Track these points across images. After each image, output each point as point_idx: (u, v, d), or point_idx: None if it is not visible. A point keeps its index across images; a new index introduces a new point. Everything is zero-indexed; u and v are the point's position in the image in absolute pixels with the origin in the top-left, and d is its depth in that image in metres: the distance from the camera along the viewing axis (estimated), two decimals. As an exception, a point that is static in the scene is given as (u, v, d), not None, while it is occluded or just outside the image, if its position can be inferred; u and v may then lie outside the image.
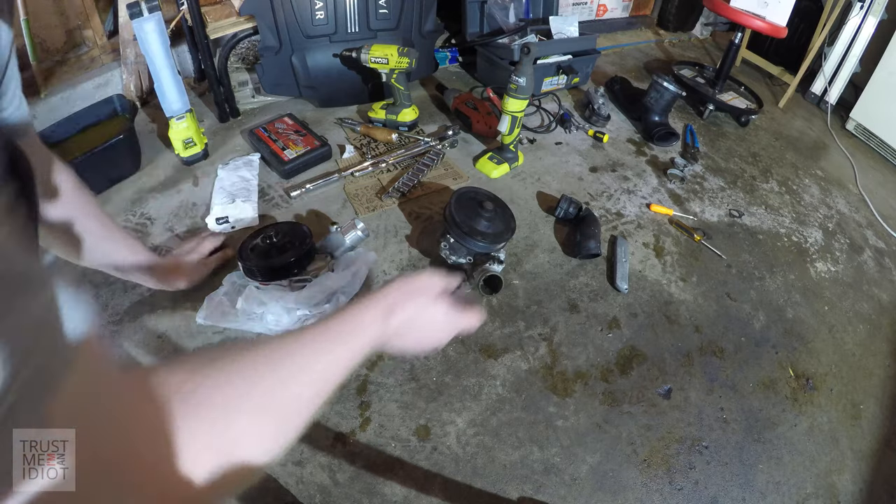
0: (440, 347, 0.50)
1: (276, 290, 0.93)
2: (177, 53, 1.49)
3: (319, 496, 0.76)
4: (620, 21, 2.35)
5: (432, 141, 1.42)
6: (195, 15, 1.26)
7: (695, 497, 0.84)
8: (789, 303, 1.20)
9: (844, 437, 0.97)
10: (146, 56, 1.13)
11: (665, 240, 1.28)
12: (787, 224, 1.43)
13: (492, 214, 1.03)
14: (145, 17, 1.08)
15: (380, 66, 1.36)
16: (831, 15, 1.86)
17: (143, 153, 1.27)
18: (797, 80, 1.97)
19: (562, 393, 0.93)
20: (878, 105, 1.85)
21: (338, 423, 0.84)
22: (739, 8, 1.69)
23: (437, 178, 1.33)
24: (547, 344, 1.00)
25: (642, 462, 0.86)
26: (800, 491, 0.87)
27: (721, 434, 0.92)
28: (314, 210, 1.20)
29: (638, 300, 1.11)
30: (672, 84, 1.55)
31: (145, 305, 0.95)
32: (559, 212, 1.23)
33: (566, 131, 1.60)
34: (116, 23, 1.39)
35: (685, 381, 0.99)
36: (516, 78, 1.22)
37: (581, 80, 1.81)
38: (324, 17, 1.39)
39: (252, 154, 1.30)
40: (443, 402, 0.89)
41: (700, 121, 1.79)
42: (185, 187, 1.22)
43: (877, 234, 1.48)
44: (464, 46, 1.86)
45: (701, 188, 1.48)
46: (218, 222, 1.09)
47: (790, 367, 1.06)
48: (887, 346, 1.17)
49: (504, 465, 0.83)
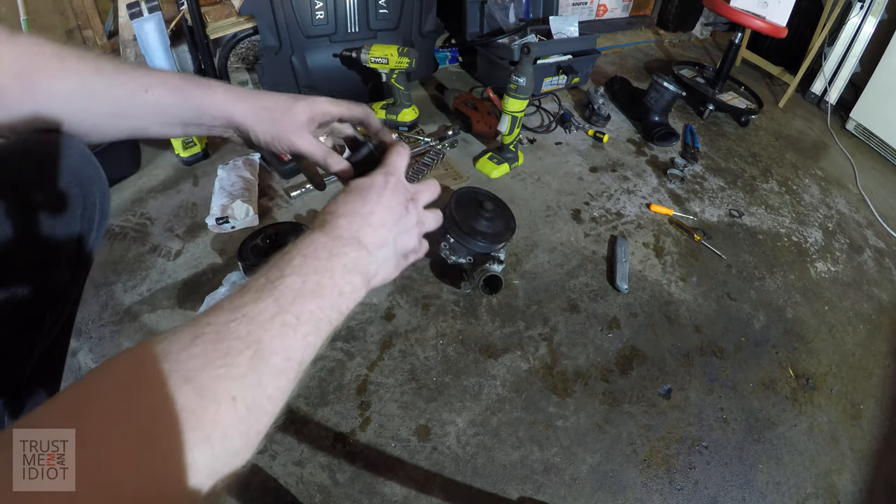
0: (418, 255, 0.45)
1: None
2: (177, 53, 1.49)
3: (319, 496, 0.76)
4: (620, 21, 2.35)
5: (432, 141, 1.42)
6: (195, 15, 1.26)
7: (695, 497, 0.84)
8: (789, 303, 1.20)
9: (844, 437, 0.97)
10: (146, 56, 1.13)
11: (665, 240, 1.28)
12: (787, 224, 1.43)
13: (492, 214, 1.03)
14: (145, 17, 1.09)
15: (380, 66, 1.36)
16: (831, 15, 1.86)
17: (143, 153, 1.27)
18: (797, 80, 1.97)
19: (562, 393, 0.93)
20: (878, 105, 1.85)
21: (338, 423, 0.84)
22: (739, 8, 1.69)
23: (437, 178, 1.33)
24: (547, 344, 1.00)
25: (642, 462, 0.86)
26: (800, 491, 0.87)
27: (721, 434, 0.92)
28: (314, 210, 1.20)
29: (638, 300, 1.11)
30: (672, 84, 1.55)
31: (145, 305, 0.96)
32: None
33: (566, 131, 1.60)
34: (116, 23, 1.39)
35: (685, 381, 0.99)
36: (516, 78, 1.22)
37: (581, 80, 1.81)
38: (324, 17, 1.39)
39: (252, 154, 1.30)
40: (443, 402, 0.89)
41: (700, 121, 1.79)
42: (185, 187, 1.22)
43: (877, 234, 1.48)
44: (464, 46, 1.86)
45: (701, 188, 1.48)
46: (218, 222, 1.09)
47: (790, 367, 1.06)
48: (887, 346, 1.17)
49: (504, 465, 0.83)
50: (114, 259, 1.03)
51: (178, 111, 0.46)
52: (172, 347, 0.27)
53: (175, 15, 1.35)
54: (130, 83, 0.44)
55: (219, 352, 0.27)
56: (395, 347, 0.95)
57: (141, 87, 0.44)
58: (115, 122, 0.46)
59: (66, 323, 0.53)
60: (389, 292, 1.04)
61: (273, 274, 0.32)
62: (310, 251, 0.35)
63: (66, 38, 1.35)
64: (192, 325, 0.28)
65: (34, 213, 0.43)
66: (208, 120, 0.46)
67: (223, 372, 0.27)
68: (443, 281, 1.08)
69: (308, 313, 0.32)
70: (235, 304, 0.30)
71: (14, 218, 0.42)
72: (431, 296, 1.05)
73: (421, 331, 0.99)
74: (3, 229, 0.41)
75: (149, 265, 1.03)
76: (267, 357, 0.29)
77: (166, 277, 1.01)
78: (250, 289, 0.31)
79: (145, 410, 0.25)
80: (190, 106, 0.46)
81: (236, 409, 0.27)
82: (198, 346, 0.27)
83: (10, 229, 0.42)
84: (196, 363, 0.26)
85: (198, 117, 0.46)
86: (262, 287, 0.31)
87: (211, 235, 1.11)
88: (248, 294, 0.31)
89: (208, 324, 0.28)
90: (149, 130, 0.47)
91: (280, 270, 0.33)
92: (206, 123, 0.47)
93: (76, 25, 1.36)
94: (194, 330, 0.28)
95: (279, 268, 0.33)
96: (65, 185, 0.45)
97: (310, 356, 0.32)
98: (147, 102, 0.44)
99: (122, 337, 0.90)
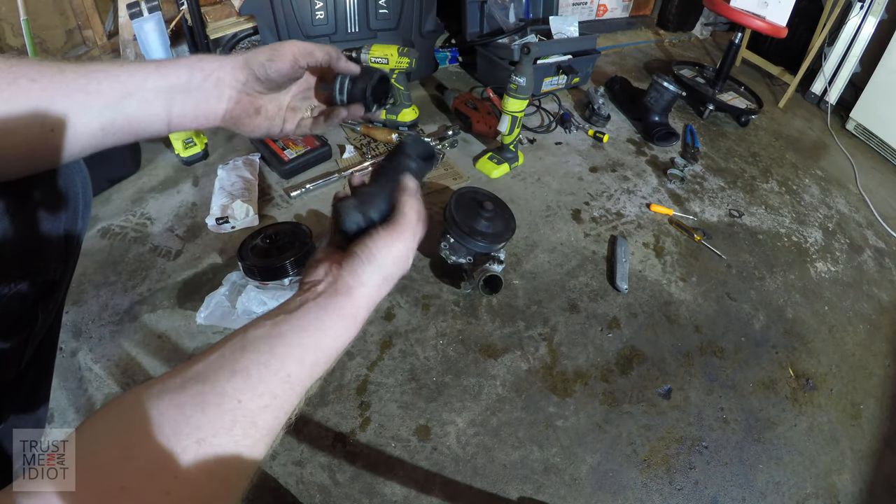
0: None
1: (276, 290, 0.93)
2: (177, 53, 1.49)
3: (319, 496, 0.76)
4: (620, 21, 2.35)
5: (432, 141, 1.42)
6: (195, 15, 1.26)
7: (695, 497, 0.84)
8: (789, 303, 1.20)
9: (844, 437, 0.97)
10: (146, 56, 1.13)
11: (665, 240, 1.28)
12: (787, 224, 1.43)
13: (492, 214, 1.03)
14: (145, 17, 1.09)
15: (380, 66, 1.36)
16: (831, 15, 1.86)
17: (142, 153, 1.27)
18: (797, 80, 1.97)
19: (562, 393, 0.93)
20: (878, 105, 1.85)
21: (338, 423, 0.84)
22: (739, 8, 1.69)
23: (437, 178, 1.33)
24: (547, 344, 1.00)
25: (642, 462, 0.86)
26: (800, 491, 0.87)
27: (721, 434, 0.92)
28: (314, 210, 1.20)
29: (638, 300, 1.11)
30: (672, 84, 1.55)
31: (145, 305, 0.96)
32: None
33: (566, 131, 1.60)
34: (116, 23, 1.39)
35: (685, 381, 0.99)
36: (516, 78, 1.22)
37: (581, 80, 1.81)
38: (324, 17, 1.39)
39: (252, 154, 1.30)
40: (443, 402, 0.89)
41: (700, 121, 1.79)
42: (185, 187, 1.22)
43: (877, 234, 1.48)
44: (464, 46, 1.86)
45: (701, 188, 1.48)
46: (218, 222, 1.09)
47: (790, 367, 1.06)
48: (887, 346, 1.17)
49: (504, 465, 0.83)
50: (114, 259, 1.03)
51: (159, 76, 0.42)
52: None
53: (175, 15, 1.36)
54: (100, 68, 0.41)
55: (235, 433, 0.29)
56: (395, 347, 0.95)
57: (115, 63, 0.42)
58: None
59: (57, 315, 0.54)
60: (389, 292, 1.04)
61: (287, 366, 0.33)
62: (322, 332, 0.36)
63: (66, 37, 1.35)
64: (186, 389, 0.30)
65: (22, 207, 0.43)
66: (197, 77, 0.43)
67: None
68: (443, 281, 1.08)
69: (293, 392, 0.34)
70: (270, 390, 0.32)
71: (3, 215, 0.42)
72: (431, 296, 1.05)
73: (421, 331, 0.99)
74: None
75: (149, 265, 1.03)
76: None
77: (166, 277, 1.01)
78: (262, 368, 0.32)
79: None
80: (177, 65, 0.43)
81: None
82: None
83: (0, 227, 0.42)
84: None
85: (187, 75, 0.43)
86: (265, 377, 0.32)
87: (211, 235, 1.11)
88: (277, 383, 0.32)
89: (238, 402, 0.30)
90: (126, 110, 0.41)
91: (289, 360, 0.33)
92: (195, 82, 0.43)
93: (76, 25, 1.36)
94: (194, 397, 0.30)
95: (289, 353, 0.34)
96: (47, 177, 0.45)
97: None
98: (123, 69, 0.41)
99: (122, 337, 0.90)
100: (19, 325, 0.44)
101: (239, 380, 0.30)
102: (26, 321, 0.45)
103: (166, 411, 0.28)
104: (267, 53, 0.45)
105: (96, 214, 1.12)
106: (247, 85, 0.46)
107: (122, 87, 0.40)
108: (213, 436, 0.28)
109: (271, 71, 0.46)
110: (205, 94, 0.44)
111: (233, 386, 0.30)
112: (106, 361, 0.87)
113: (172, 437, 0.27)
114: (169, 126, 0.44)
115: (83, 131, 0.40)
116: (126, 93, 0.40)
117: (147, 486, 0.25)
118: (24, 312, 0.45)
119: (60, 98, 0.38)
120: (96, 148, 0.41)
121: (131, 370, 0.86)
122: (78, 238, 0.51)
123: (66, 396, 0.82)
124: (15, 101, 0.36)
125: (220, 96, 0.45)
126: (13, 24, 1.22)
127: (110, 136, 0.41)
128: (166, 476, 0.26)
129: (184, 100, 0.43)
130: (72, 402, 0.82)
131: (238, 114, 0.47)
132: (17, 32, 1.22)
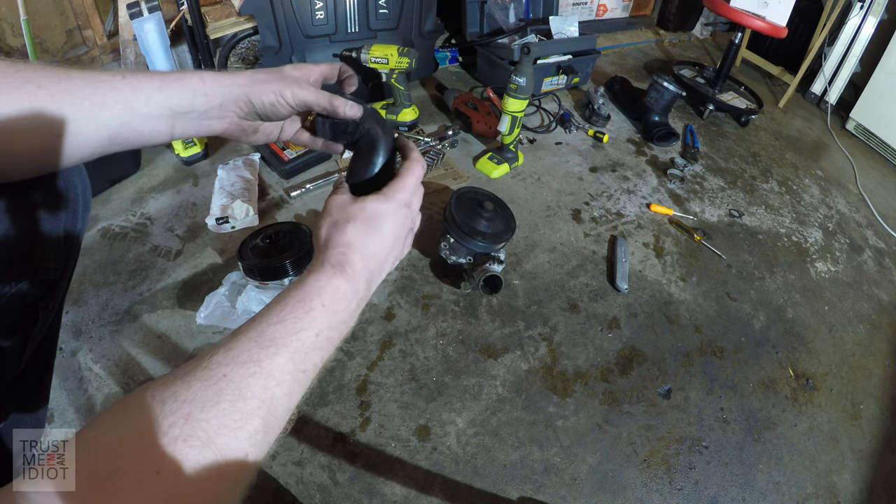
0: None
1: (276, 290, 0.93)
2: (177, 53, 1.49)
3: (319, 496, 0.76)
4: (620, 21, 2.35)
5: (432, 141, 1.42)
6: (195, 15, 1.26)
7: (695, 497, 0.84)
8: (789, 303, 1.20)
9: (844, 437, 0.97)
10: (146, 56, 1.13)
11: (665, 240, 1.28)
12: (787, 224, 1.43)
13: (492, 214, 1.03)
14: (145, 17, 1.09)
15: (380, 66, 1.36)
16: (831, 15, 1.86)
17: (142, 153, 1.27)
18: (797, 80, 1.97)
19: (562, 393, 0.93)
20: (878, 105, 1.85)
21: (338, 423, 0.84)
22: (739, 8, 1.69)
23: (437, 178, 1.33)
24: (547, 344, 1.00)
25: (642, 462, 0.86)
26: (800, 491, 0.87)
27: (721, 434, 0.92)
28: (314, 210, 1.20)
29: (638, 300, 1.11)
30: (672, 84, 1.55)
31: (145, 305, 0.96)
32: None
33: (566, 131, 1.60)
34: (116, 23, 1.39)
35: (685, 381, 0.99)
36: (516, 78, 1.22)
37: (581, 80, 1.81)
38: (324, 17, 1.39)
39: (252, 154, 1.30)
40: (443, 402, 0.89)
41: (700, 121, 1.79)
42: (185, 187, 1.22)
43: (877, 234, 1.48)
44: (464, 46, 1.86)
45: (701, 188, 1.48)
46: (218, 222, 1.09)
47: (790, 367, 1.06)
48: (887, 346, 1.17)
49: (504, 465, 0.83)
50: (114, 259, 1.03)
51: (163, 97, 0.42)
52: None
53: (175, 15, 1.36)
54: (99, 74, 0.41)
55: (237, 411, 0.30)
56: (395, 347, 0.95)
57: (117, 74, 0.41)
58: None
59: (57, 314, 0.54)
60: (389, 292, 1.04)
61: (288, 326, 0.34)
62: (329, 300, 0.37)
63: (66, 37, 1.35)
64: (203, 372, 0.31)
65: (22, 207, 0.44)
66: (201, 103, 0.44)
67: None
68: (443, 281, 1.08)
69: (313, 366, 0.36)
70: (254, 358, 0.32)
71: (3, 214, 0.42)
72: (431, 296, 1.05)
73: (421, 331, 0.99)
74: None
75: (149, 265, 1.03)
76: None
77: (166, 277, 1.01)
78: (263, 338, 0.33)
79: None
80: (181, 87, 0.43)
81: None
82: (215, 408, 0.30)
83: (1, 226, 0.42)
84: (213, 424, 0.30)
85: (191, 99, 0.43)
86: (271, 340, 0.33)
87: (211, 235, 1.11)
88: (261, 350, 0.33)
89: (223, 376, 0.31)
90: (131, 124, 0.41)
91: (297, 323, 0.35)
92: (199, 108, 0.44)
93: (76, 25, 1.36)
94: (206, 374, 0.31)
95: (296, 317, 0.35)
96: (47, 177, 0.46)
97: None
98: (129, 84, 0.41)
99: (122, 337, 0.90)
100: (19, 324, 0.45)
101: (220, 353, 0.32)
102: (26, 320, 0.45)
103: (157, 393, 0.29)
104: (272, 97, 0.46)
105: (96, 214, 1.12)
106: (248, 115, 0.47)
107: (125, 102, 0.41)
108: (200, 410, 0.29)
109: (273, 115, 0.47)
110: (207, 116, 0.45)
111: (217, 360, 0.31)
112: (106, 361, 0.87)
113: (160, 416, 0.28)
114: (171, 138, 0.46)
115: (90, 139, 0.40)
116: (130, 108, 0.41)
117: (137, 467, 0.26)
118: (24, 312, 0.45)
119: (68, 105, 0.38)
120: (100, 154, 0.42)
121: (131, 370, 0.86)
122: (78, 238, 0.51)
123: (66, 396, 0.82)
124: (22, 105, 0.36)
125: (222, 118, 0.46)
126: (13, 24, 1.22)
127: (116, 145, 0.42)
128: (155, 455, 0.27)
129: (186, 119, 0.44)
130: (72, 402, 0.82)
131: (237, 133, 0.49)
132: (17, 32, 1.22)
